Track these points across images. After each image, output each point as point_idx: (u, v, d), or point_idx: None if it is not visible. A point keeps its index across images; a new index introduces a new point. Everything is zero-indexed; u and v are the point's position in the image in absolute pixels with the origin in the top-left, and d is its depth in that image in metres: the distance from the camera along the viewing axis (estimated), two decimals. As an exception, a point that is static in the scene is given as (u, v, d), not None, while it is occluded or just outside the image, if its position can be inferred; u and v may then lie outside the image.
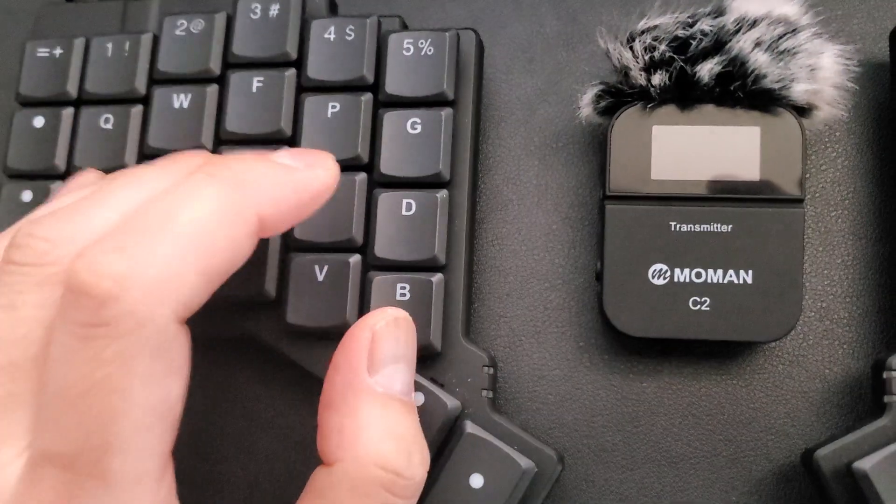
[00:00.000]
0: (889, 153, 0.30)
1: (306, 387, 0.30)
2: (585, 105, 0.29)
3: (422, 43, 0.29)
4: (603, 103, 0.28)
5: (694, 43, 0.26)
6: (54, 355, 0.20)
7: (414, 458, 0.23)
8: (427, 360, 0.28)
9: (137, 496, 0.20)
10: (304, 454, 0.30)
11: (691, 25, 0.27)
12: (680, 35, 0.27)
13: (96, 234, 0.21)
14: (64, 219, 0.22)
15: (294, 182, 0.23)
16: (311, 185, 0.24)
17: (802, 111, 0.28)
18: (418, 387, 0.26)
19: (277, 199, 0.23)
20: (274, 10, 0.30)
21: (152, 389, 0.20)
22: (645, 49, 0.27)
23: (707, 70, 0.26)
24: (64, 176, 0.30)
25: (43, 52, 0.32)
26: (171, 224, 0.20)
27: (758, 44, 0.26)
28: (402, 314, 0.25)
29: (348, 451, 0.22)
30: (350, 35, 0.30)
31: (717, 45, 0.26)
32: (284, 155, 0.24)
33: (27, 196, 0.30)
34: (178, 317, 0.20)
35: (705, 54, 0.26)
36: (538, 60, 0.32)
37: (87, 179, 0.28)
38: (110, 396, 0.19)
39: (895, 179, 0.29)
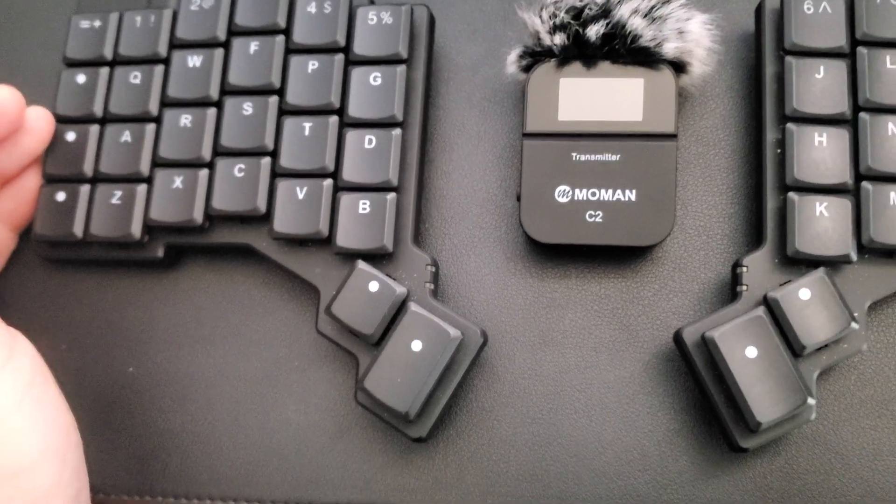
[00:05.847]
0: (755, 107, 0.37)
1: (291, 284, 0.38)
2: (511, 63, 0.36)
3: (383, 14, 0.37)
4: (524, 62, 0.36)
5: (586, 11, 0.34)
6: None
7: None
8: (382, 259, 0.35)
9: None
10: (290, 340, 0.38)
11: (587, -2, 0.35)
12: (577, 5, 0.34)
13: None
14: None
15: None
16: None
17: (678, 67, 0.35)
18: (374, 278, 0.34)
19: None
20: (268, -11, 0.38)
21: None
22: (550, 16, 0.34)
23: (594, 31, 0.34)
24: (101, 121, 0.38)
25: (85, 24, 0.40)
26: None
27: (635, 11, 0.34)
28: None
29: None
30: (327, 9, 0.38)
31: (604, 12, 0.34)
32: None
33: (71, 136, 0.38)
34: None
35: (594, 19, 0.34)
36: (480, 31, 0.40)
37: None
38: None
39: (759, 127, 0.36)
